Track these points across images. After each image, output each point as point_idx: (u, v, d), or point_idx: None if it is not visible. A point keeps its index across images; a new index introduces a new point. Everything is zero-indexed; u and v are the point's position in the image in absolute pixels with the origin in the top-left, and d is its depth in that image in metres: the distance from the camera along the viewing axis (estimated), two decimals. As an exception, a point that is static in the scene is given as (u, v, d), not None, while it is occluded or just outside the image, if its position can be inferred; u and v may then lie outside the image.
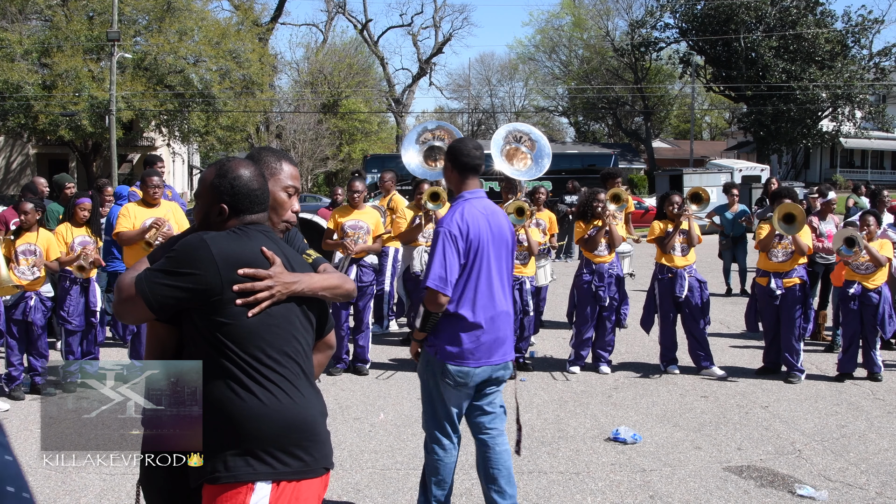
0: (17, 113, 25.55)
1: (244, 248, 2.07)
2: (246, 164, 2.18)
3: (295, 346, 2.11)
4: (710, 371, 6.69)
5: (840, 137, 37.69)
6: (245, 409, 2.00)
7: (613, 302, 6.88)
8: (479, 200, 3.48)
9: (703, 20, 37.63)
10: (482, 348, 3.41)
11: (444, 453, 3.51)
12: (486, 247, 3.40)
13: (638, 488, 4.31)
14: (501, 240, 3.48)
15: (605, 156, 30.98)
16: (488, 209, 3.48)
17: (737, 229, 10.90)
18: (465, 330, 3.39)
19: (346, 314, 6.95)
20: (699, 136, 56.37)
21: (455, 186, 3.50)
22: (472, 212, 3.41)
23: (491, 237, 3.42)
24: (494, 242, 3.44)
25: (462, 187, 3.49)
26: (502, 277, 3.49)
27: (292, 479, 2.03)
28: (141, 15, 28.45)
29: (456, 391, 3.43)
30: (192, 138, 31.01)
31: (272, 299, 2.05)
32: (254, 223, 2.15)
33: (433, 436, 3.53)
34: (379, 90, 46.99)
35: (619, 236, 6.88)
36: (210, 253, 2.01)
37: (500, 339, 3.48)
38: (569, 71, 49.02)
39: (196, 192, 2.24)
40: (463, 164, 3.45)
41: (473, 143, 3.53)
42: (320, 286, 2.21)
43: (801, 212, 6.37)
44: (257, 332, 2.03)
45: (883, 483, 4.41)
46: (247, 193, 2.13)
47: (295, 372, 2.09)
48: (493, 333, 3.44)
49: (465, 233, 3.34)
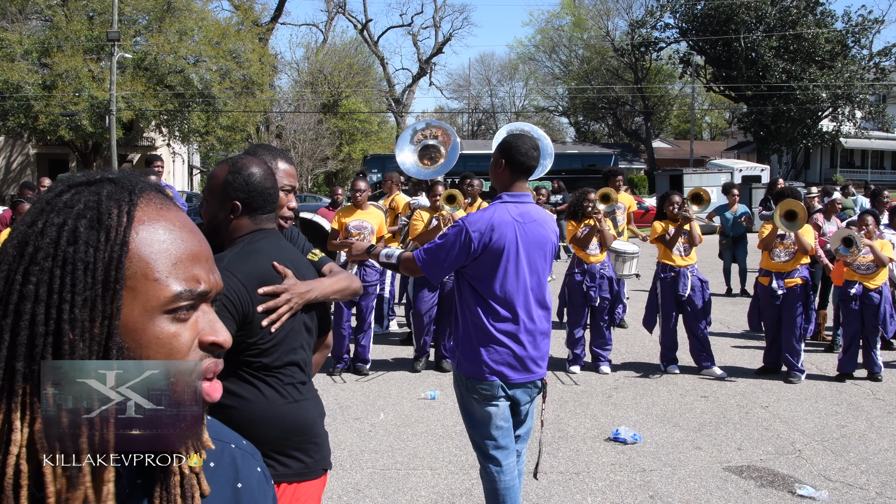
0: (17, 113, 25.54)
1: (258, 265, 2.06)
2: (258, 162, 2.16)
3: (300, 352, 2.12)
4: (710, 371, 6.69)
5: (840, 137, 37.67)
6: (250, 413, 2.01)
7: (605, 302, 6.88)
8: (517, 205, 3.10)
9: (703, 20, 37.63)
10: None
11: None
12: (511, 253, 3.05)
13: (638, 488, 4.31)
14: (536, 247, 3.11)
15: (605, 156, 31.05)
16: (528, 215, 3.10)
17: (737, 229, 10.90)
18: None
19: (349, 314, 6.95)
20: (699, 136, 56.38)
21: (501, 186, 3.15)
22: (502, 214, 3.06)
23: (521, 244, 3.06)
24: (526, 249, 3.07)
25: (508, 188, 3.13)
26: (529, 289, 3.10)
27: (292, 480, 2.04)
28: (141, 15, 28.43)
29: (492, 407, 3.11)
30: (192, 138, 31.00)
31: (291, 312, 2.06)
32: (261, 229, 2.13)
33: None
34: (379, 90, 47.01)
35: (610, 236, 6.89)
36: (238, 281, 1.99)
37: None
38: (569, 71, 49.04)
39: (205, 190, 2.22)
40: (519, 163, 3.10)
41: (532, 143, 3.13)
42: (332, 290, 2.23)
43: (803, 209, 6.36)
44: (279, 344, 2.04)
45: (883, 483, 4.41)
46: (261, 191, 2.11)
47: (299, 376, 2.11)
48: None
49: (485, 235, 3.01)
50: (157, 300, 0.80)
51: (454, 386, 3.25)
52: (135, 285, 0.79)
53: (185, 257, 0.83)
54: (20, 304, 0.77)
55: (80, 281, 0.77)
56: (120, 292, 0.78)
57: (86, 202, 0.81)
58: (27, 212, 0.84)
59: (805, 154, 40.96)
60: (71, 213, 0.80)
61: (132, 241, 0.80)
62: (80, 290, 0.77)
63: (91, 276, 0.78)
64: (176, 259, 0.82)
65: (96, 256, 0.78)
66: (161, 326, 0.80)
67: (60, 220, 0.80)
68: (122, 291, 0.78)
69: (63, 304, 0.77)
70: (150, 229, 0.82)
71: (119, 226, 0.80)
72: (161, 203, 0.85)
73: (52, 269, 0.78)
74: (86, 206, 0.81)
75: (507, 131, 7.16)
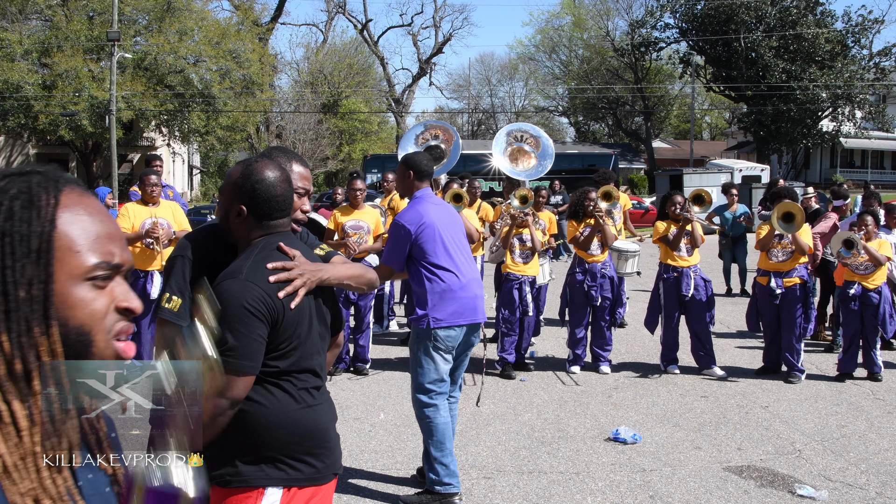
0: (17, 113, 25.54)
1: (271, 260, 2.05)
2: (273, 167, 2.12)
3: (316, 357, 2.12)
4: (710, 371, 6.69)
5: (840, 137, 37.66)
6: (264, 417, 2.01)
7: (606, 302, 6.88)
8: (431, 198, 4.18)
9: (703, 20, 37.61)
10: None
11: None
12: (441, 227, 4.05)
13: (638, 488, 4.31)
14: (455, 224, 4.18)
15: (605, 156, 31.03)
16: (441, 202, 4.32)
17: (737, 229, 10.90)
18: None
19: (347, 314, 6.95)
20: (699, 136, 56.36)
21: (408, 190, 4.19)
22: (425, 205, 4.10)
23: (447, 220, 4.12)
24: (450, 225, 4.12)
25: (417, 189, 4.16)
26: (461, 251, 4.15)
27: (304, 485, 2.04)
28: (141, 15, 28.44)
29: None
30: (192, 138, 31.01)
31: (306, 287, 2.04)
32: (272, 233, 2.11)
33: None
34: (379, 90, 47.01)
35: (611, 235, 6.89)
36: (261, 290, 1.98)
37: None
38: (569, 71, 49.01)
39: (220, 188, 2.22)
40: (422, 171, 4.15)
41: (426, 156, 4.30)
42: (345, 275, 2.21)
43: (800, 210, 6.38)
44: (298, 347, 2.04)
45: (883, 483, 4.41)
46: (267, 199, 2.08)
47: (313, 381, 2.11)
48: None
49: (416, 220, 4.01)
50: (79, 269, 0.96)
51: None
52: (61, 256, 0.95)
53: (102, 236, 0.98)
54: None
55: (17, 250, 0.92)
56: (51, 260, 0.94)
57: (19, 188, 0.96)
58: None
59: (805, 154, 40.95)
60: (6, 196, 0.95)
61: (58, 220, 0.95)
62: (19, 256, 0.92)
63: (26, 245, 0.93)
64: (94, 236, 0.97)
65: (30, 230, 0.94)
66: (83, 292, 0.96)
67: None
68: (52, 260, 0.94)
69: (6, 268, 0.92)
70: (73, 211, 0.97)
71: (48, 206, 0.95)
72: (81, 192, 1.01)
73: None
74: (19, 190, 0.95)
75: (506, 133, 7.17)
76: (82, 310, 0.95)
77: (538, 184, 16.24)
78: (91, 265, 0.96)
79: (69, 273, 0.94)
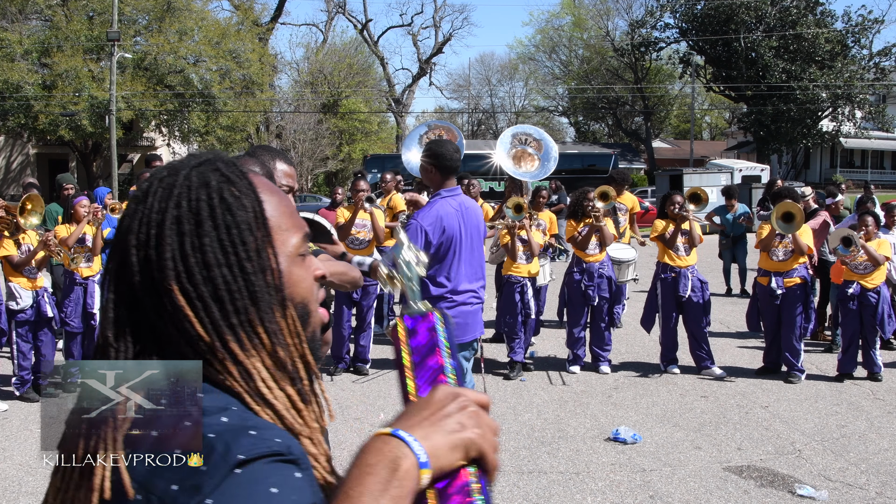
0: (17, 113, 25.54)
1: None
2: (253, 163, 2.14)
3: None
4: (710, 371, 6.69)
5: (840, 137, 37.65)
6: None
7: (604, 302, 6.88)
8: (455, 197, 3.78)
9: (703, 20, 37.60)
10: None
11: None
12: (458, 236, 3.72)
13: (638, 488, 4.31)
14: (474, 229, 3.82)
15: (605, 156, 30.99)
16: (463, 204, 3.80)
17: (737, 229, 10.90)
18: None
19: (349, 314, 6.95)
20: (699, 136, 56.35)
21: (435, 185, 3.78)
22: (445, 207, 3.71)
23: (464, 228, 3.74)
24: (467, 232, 3.76)
25: (442, 186, 3.77)
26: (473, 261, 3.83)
27: None
28: (141, 15, 28.43)
29: None
30: (192, 138, 30.99)
31: None
32: None
33: None
34: (379, 90, 46.96)
35: (609, 235, 6.89)
36: None
37: None
38: (569, 71, 48.99)
39: None
40: (445, 166, 3.72)
41: (453, 146, 3.81)
42: (329, 270, 2.22)
43: (800, 210, 6.38)
44: None
45: (883, 483, 4.41)
46: None
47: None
48: None
49: (437, 225, 3.66)
50: (292, 247, 0.94)
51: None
52: (277, 238, 0.92)
53: (291, 210, 0.97)
54: (209, 271, 0.87)
55: (247, 240, 0.89)
56: (274, 244, 0.92)
57: (217, 179, 0.91)
58: (145, 198, 0.89)
59: (805, 154, 40.95)
60: (211, 190, 0.90)
61: (264, 203, 0.92)
62: (251, 246, 0.89)
63: (251, 234, 0.89)
64: (288, 212, 0.96)
65: (248, 218, 0.90)
66: (297, 269, 0.95)
67: (204, 195, 0.89)
68: (274, 243, 0.92)
69: (242, 261, 0.88)
70: (266, 191, 0.94)
71: (251, 191, 0.92)
72: (251, 170, 0.97)
73: (219, 238, 0.88)
74: (219, 181, 0.91)
75: (510, 134, 7.18)
76: (302, 285, 0.95)
77: (539, 184, 16.25)
78: (298, 241, 0.95)
79: (286, 253, 0.93)
